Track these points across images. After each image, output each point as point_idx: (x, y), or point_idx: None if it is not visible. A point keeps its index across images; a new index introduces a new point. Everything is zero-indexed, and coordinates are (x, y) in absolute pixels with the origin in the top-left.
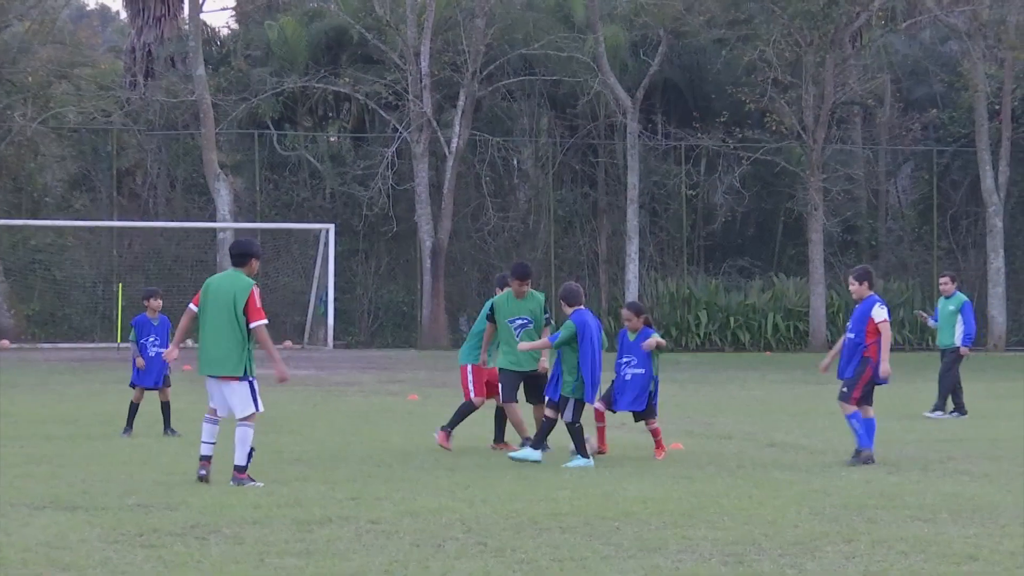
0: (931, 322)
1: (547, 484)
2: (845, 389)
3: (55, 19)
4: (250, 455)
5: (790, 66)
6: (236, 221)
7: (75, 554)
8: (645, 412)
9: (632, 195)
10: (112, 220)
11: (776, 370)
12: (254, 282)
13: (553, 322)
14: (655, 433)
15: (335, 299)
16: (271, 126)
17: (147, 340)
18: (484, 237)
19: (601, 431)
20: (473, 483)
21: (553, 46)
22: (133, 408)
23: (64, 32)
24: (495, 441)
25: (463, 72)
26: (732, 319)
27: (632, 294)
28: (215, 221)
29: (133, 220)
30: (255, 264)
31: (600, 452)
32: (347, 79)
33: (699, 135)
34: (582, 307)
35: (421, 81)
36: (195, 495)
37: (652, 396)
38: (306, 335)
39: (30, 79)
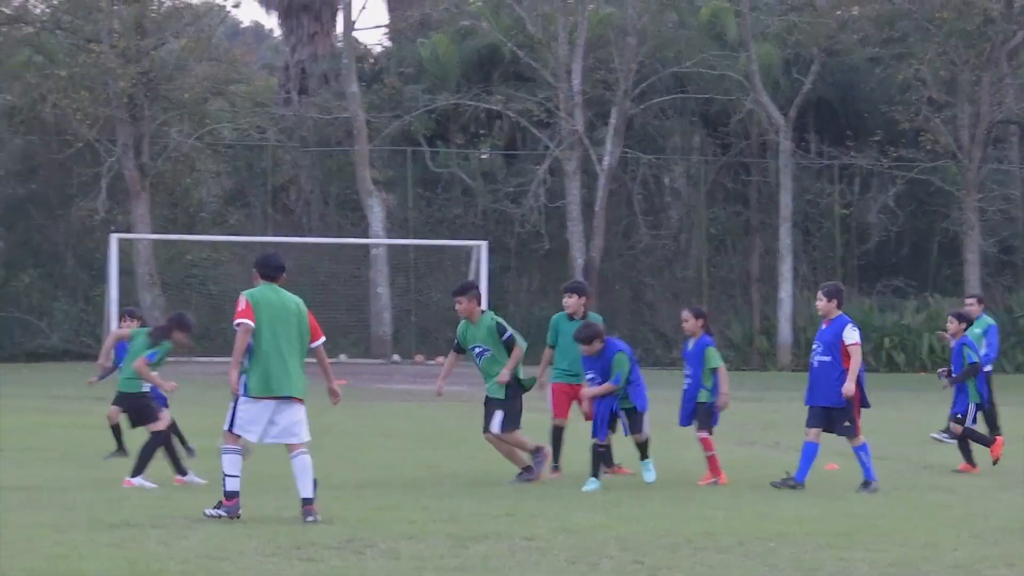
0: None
1: (701, 503)
2: (848, 424)
3: (211, 37)
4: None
5: (945, 85)
6: (389, 237)
7: (234, 566)
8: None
9: (785, 214)
10: (266, 235)
11: (931, 391)
12: None
13: (516, 339)
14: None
15: None
16: (424, 143)
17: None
18: (636, 255)
19: (712, 460)
20: (626, 501)
21: (705, 64)
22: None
23: (220, 49)
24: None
25: (615, 90)
26: (887, 339)
27: (785, 313)
28: (368, 237)
29: (287, 236)
30: (283, 279)
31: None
32: (499, 96)
33: (853, 154)
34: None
35: (573, 99)
36: (350, 509)
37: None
38: None
39: (187, 96)
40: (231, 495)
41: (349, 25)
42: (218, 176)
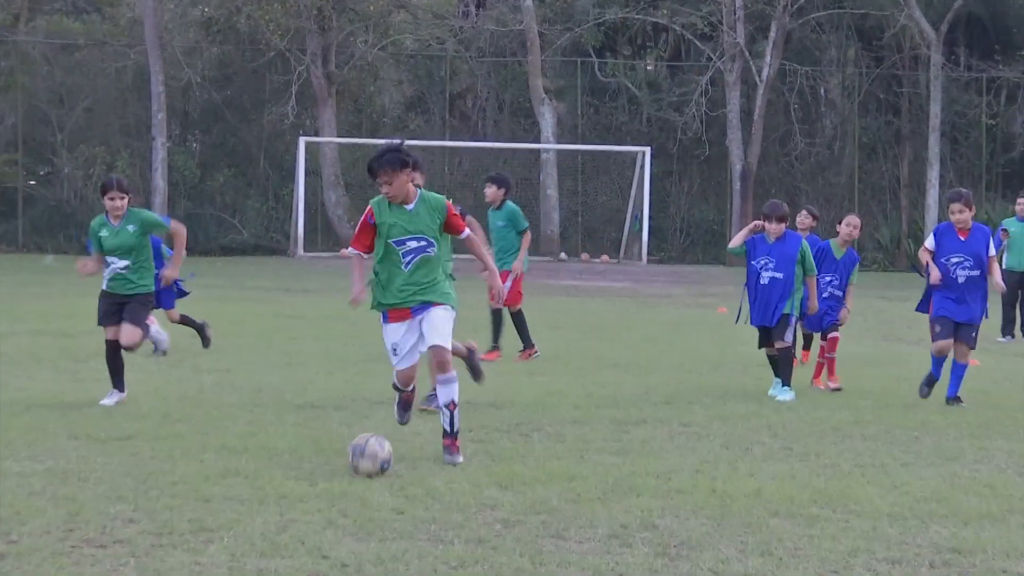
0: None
1: (849, 394)
2: (974, 335)
3: None
4: None
5: None
6: (559, 143)
7: (410, 446)
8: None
9: (934, 124)
10: (444, 140)
11: None
12: None
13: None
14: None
15: (649, 217)
16: (593, 54)
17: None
18: (791, 162)
19: (830, 363)
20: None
21: None
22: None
23: None
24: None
25: (775, 5)
26: None
27: (932, 218)
28: (539, 142)
29: (464, 140)
30: None
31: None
32: (665, 11)
33: (1000, 67)
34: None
35: (735, 13)
36: (520, 395)
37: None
38: (622, 250)
39: (371, 8)
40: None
41: None
42: (400, 84)
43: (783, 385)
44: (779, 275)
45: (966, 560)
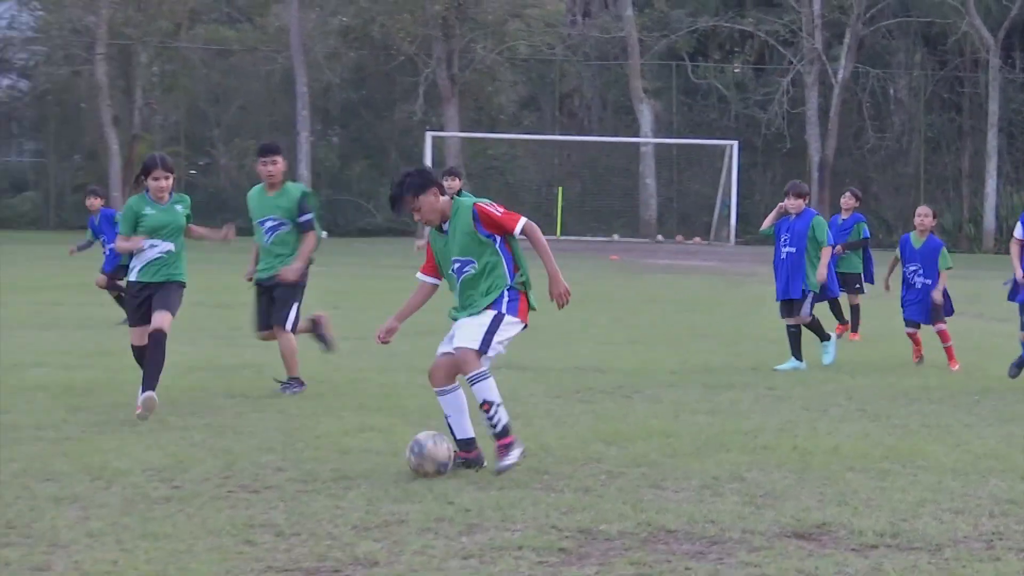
0: None
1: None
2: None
3: None
4: None
5: None
6: (656, 137)
7: (525, 406)
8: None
9: (992, 120)
10: (554, 135)
11: None
12: None
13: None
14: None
15: (736, 203)
16: (686, 58)
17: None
18: (864, 154)
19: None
20: (853, 360)
21: None
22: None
23: None
24: None
25: (849, 14)
26: None
27: (990, 206)
28: (638, 137)
29: (571, 135)
30: None
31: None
32: (750, 19)
33: None
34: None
35: (814, 21)
36: (621, 362)
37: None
38: (712, 233)
39: (490, 18)
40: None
41: None
42: (515, 85)
43: (793, 357)
44: (793, 250)
45: (1022, 511)
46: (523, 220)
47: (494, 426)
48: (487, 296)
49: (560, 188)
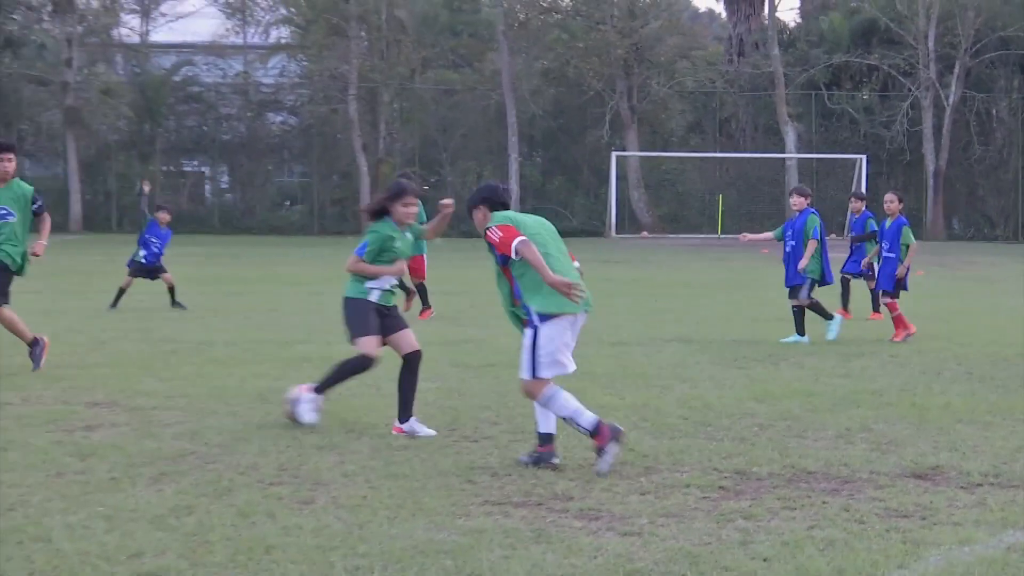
0: None
1: (1018, 332)
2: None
3: (679, 18)
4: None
5: None
6: (798, 153)
7: (691, 371)
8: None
9: None
10: (715, 152)
11: None
12: None
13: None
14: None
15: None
16: (823, 88)
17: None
18: (971, 164)
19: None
20: (961, 332)
21: None
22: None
23: (685, 26)
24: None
25: (958, 49)
26: None
27: None
28: (784, 153)
29: (729, 152)
30: None
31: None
32: (876, 55)
33: None
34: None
35: (928, 55)
36: (771, 334)
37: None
38: (846, 231)
39: (663, 59)
40: (596, 432)
41: (773, 8)
42: (683, 113)
43: (796, 332)
44: (794, 243)
45: None
46: (516, 242)
47: (584, 433)
48: (511, 314)
49: (720, 196)
